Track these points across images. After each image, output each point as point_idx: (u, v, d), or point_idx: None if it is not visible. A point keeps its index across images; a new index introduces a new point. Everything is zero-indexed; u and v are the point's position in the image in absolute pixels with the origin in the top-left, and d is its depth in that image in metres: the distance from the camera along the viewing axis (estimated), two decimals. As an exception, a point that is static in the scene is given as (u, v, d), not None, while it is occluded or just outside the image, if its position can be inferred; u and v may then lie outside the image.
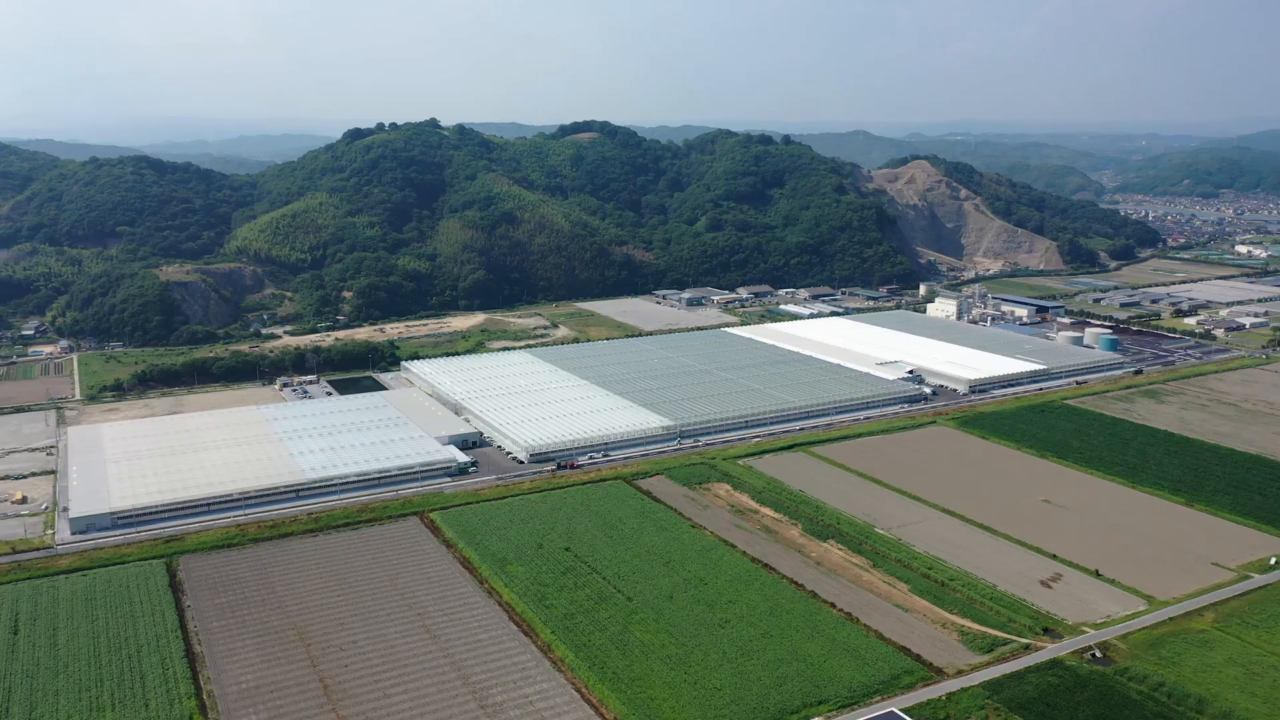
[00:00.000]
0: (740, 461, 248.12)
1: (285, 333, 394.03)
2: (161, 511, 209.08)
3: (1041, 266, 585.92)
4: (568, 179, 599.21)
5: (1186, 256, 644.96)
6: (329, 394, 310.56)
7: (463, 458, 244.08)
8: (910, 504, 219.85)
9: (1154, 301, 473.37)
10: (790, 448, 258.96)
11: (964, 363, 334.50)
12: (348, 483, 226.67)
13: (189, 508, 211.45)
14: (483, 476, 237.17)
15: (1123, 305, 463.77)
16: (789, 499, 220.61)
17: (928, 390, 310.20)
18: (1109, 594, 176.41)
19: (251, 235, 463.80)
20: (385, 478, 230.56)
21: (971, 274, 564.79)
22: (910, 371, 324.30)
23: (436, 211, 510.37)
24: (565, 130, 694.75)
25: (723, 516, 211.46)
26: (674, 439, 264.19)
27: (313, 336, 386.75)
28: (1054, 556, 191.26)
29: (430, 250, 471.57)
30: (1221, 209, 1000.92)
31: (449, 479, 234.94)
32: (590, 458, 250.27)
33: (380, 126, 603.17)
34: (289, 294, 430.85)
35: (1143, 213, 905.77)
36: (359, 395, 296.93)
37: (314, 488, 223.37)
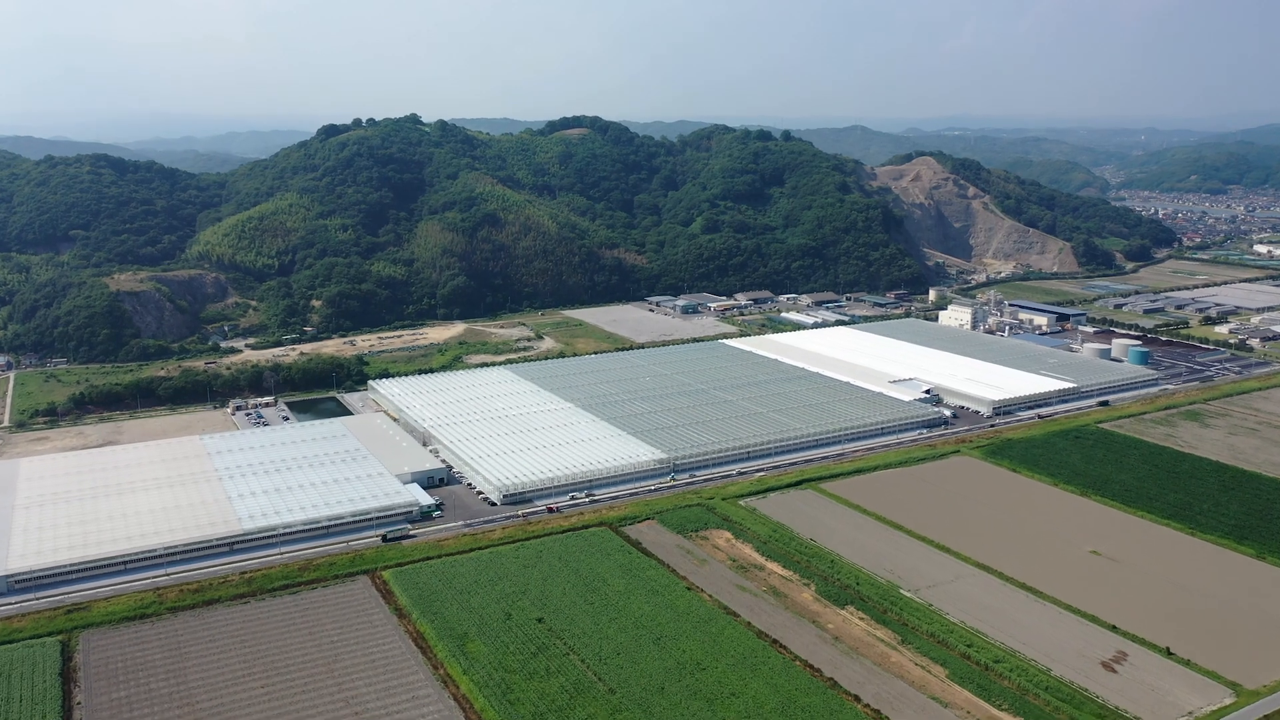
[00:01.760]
0: (742, 502, 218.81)
1: (247, 346, 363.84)
2: (70, 572, 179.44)
3: (1055, 269, 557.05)
4: (556, 178, 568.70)
5: (1205, 257, 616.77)
6: (285, 419, 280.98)
7: (426, 499, 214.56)
8: (938, 556, 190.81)
9: (1179, 307, 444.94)
10: (798, 484, 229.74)
11: (985, 380, 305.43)
12: (292, 533, 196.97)
13: (103, 567, 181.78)
14: (448, 523, 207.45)
15: (1146, 312, 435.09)
16: (799, 551, 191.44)
17: (947, 413, 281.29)
18: (1186, 680, 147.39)
19: (215, 239, 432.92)
20: (336, 526, 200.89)
21: (982, 277, 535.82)
22: (927, 391, 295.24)
23: (415, 213, 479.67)
24: (554, 126, 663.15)
25: (723, 575, 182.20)
26: (667, 473, 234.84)
27: (276, 350, 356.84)
28: (1113, 628, 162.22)
29: (407, 255, 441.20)
30: (1232, 206, 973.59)
31: (409, 526, 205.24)
32: (572, 498, 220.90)
33: (357, 122, 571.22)
34: (254, 303, 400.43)
35: (1151, 210, 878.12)
36: (317, 422, 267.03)
37: (252, 539, 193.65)
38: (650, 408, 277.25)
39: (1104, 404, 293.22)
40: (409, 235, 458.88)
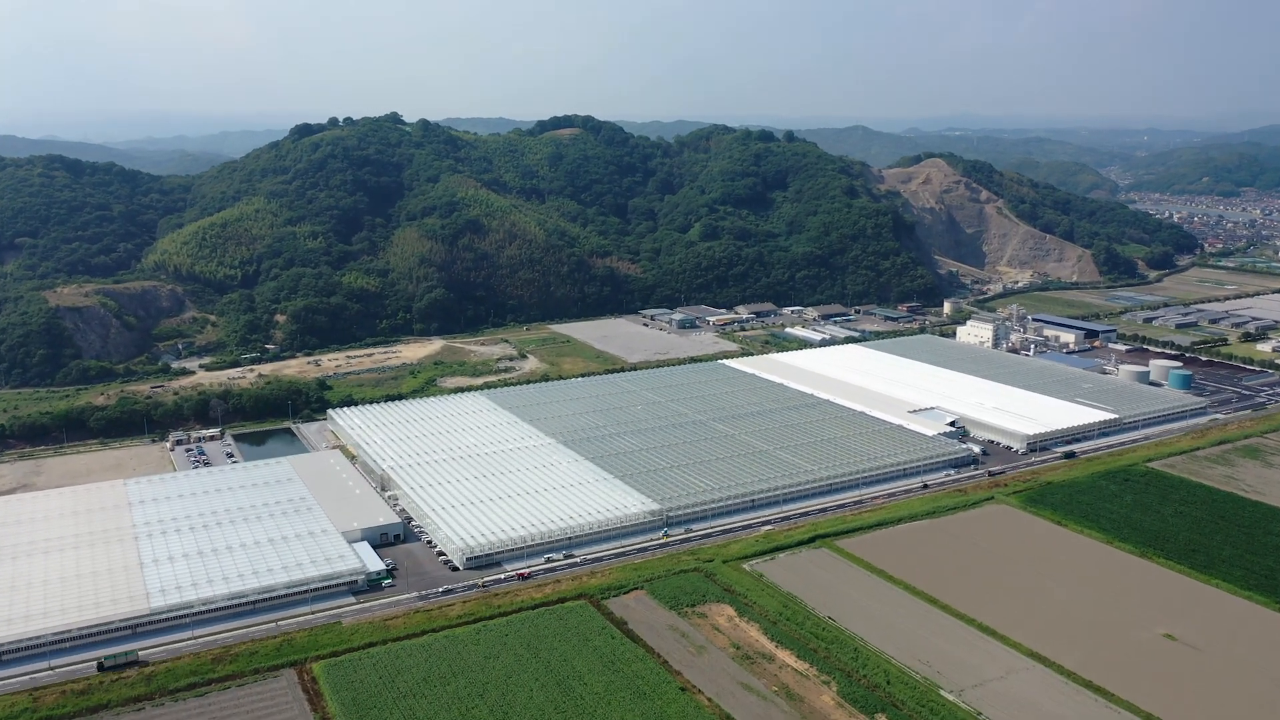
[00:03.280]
0: (746, 565, 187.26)
1: (201, 366, 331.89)
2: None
3: (1075, 277, 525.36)
4: (545, 180, 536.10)
5: (1230, 265, 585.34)
6: (230, 455, 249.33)
7: (376, 563, 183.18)
8: (981, 641, 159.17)
9: (1213, 322, 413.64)
10: (810, 540, 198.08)
11: (1016, 409, 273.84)
12: (213, 610, 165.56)
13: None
14: (399, 595, 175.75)
15: (1179, 326, 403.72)
16: (815, 633, 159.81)
17: (976, 449, 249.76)
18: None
19: (173, 248, 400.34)
20: (265, 601, 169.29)
21: (998, 287, 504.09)
22: (952, 423, 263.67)
23: (392, 219, 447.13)
24: (544, 126, 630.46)
25: (725, 667, 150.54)
26: (659, 528, 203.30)
27: (233, 371, 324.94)
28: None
29: (381, 265, 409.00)
30: (1248, 209, 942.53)
31: (353, 599, 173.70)
32: (548, 560, 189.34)
33: (333, 121, 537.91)
34: (212, 318, 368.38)
35: (1165, 213, 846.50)
36: (261, 464, 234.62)
37: (161, 621, 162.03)
38: (641, 444, 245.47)
39: (1070, 455, 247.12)
40: (384, 243, 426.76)
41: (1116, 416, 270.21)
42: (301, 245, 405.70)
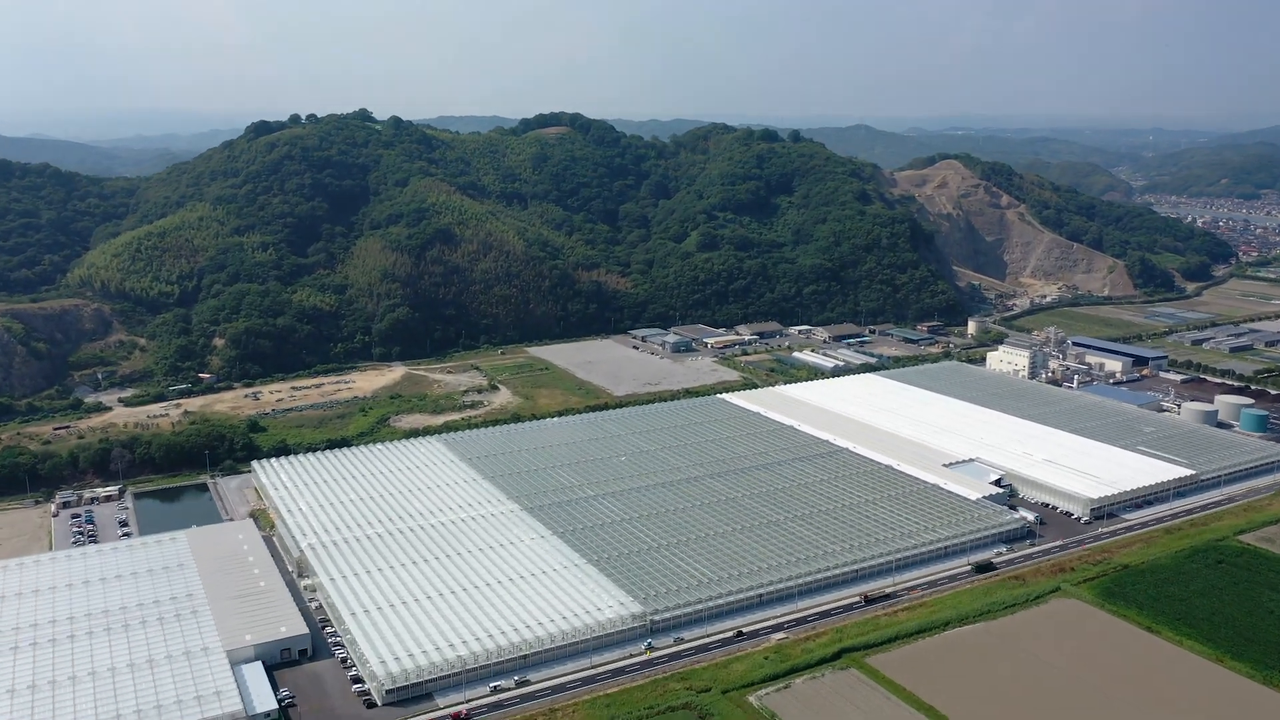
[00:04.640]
0: (754, 697, 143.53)
1: (121, 401, 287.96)
2: None
3: (1106, 290, 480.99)
4: (528, 184, 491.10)
5: (1270, 275, 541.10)
6: (123, 524, 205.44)
7: (266, 700, 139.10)
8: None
9: (1270, 344, 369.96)
10: (836, 656, 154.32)
11: (1072, 463, 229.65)
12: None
13: None
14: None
15: (1233, 350, 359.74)
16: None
17: (1030, 516, 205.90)
18: None
19: (102, 261, 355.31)
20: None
21: (1025, 301, 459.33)
22: (997, 481, 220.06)
23: (354, 228, 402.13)
24: (528, 124, 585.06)
25: None
26: (642, 638, 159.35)
27: (156, 407, 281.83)
28: None
29: (339, 280, 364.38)
30: (1272, 212, 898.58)
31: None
32: (495, 689, 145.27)
33: (295, 119, 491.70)
34: (142, 341, 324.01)
35: (1187, 216, 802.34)
36: (153, 541, 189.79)
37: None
38: (622, 512, 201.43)
39: (984, 567, 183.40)
40: (344, 255, 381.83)
41: (1193, 472, 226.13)
42: (249, 258, 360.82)
